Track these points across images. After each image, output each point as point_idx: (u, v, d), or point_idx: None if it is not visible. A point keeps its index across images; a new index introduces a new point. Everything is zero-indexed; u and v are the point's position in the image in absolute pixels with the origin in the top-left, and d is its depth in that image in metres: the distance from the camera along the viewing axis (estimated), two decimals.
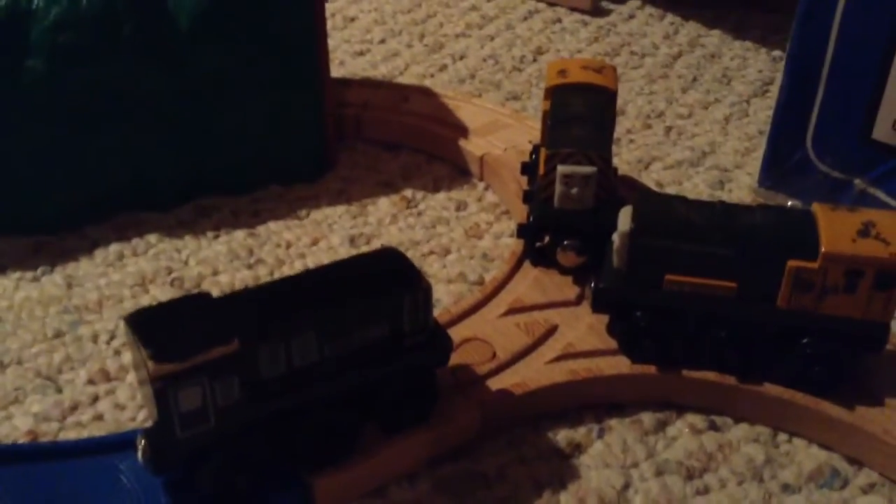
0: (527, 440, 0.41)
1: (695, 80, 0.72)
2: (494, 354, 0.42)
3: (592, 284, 0.42)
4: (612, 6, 0.83)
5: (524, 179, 0.54)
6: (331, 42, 0.75)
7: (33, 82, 0.50)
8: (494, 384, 0.41)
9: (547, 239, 0.47)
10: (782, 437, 0.41)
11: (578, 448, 0.40)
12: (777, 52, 0.75)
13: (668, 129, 0.65)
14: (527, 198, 0.51)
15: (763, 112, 0.67)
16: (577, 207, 0.45)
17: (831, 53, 0.47)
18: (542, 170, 0.46)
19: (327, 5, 0.82)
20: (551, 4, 0.84)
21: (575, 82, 0.49)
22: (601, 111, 0.48)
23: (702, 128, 0.65)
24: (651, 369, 0.41)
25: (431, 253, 0.53)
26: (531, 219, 0.47)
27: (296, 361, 0.35)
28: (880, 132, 0.47)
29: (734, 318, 0.39)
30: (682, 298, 0.40)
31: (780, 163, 0.52)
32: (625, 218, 0.40)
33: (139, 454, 0.34)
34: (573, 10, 0.83)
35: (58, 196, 0.53)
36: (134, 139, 0.53)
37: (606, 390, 0.42)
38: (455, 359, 0.41)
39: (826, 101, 0.48)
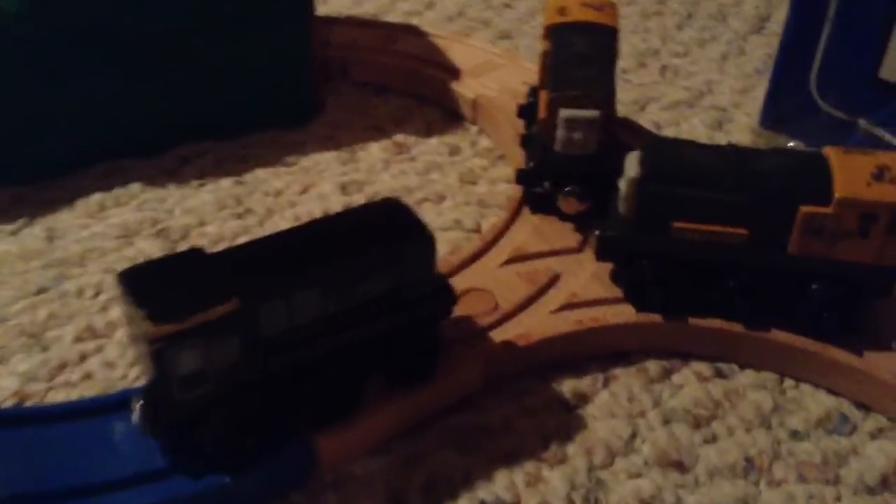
0: (532, 391, 0.40)
1: (689, 16, 0.70)
2: (496, 305, 0.41)
3: (597, 232, 0.41)
4: None
5: (520, 123, 0.52)
6: None
7: (3, 24, 0.47)
8: (498, 335, 0.40)
9: (547, 185, 0.46)
10: (789, 383, 0.40)
11: (584, 398, 0.40)
12: None
13: (664, 69, 0.64)
14: (525, 142, 0.49)
15: (760, 49, 0.66)
16: (580, 152, 0.44)
17: None
18: (542, 113, 0.44)
19: None
20: None
21: (575, 21, 0.47)
22: (603, 51, 0.46)
23: (698, 66, 0.64)
24: (657, 318, 0.41)
25: (426, 200, 0.51)
26: (531, 165, 0.46)
27: (298, 319, 0.33)
28: (888, 71, 0.46)
29: (744, 265, 0.38)
30: (691, 246, 0.39)
31: (781, 103, 0.51)
32: (632, 164, 0.39)
33: (135, 416, 0.33)
34: None
35: (35, 144, 0.50)
36: (113, 83, 0.51)
37: (612, 339, 0.41)
38: (457, 310, 0.40)
39: (832, 39, 0.47)
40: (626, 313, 0.41)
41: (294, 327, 0.33)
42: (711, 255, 0.38)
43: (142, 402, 0.32)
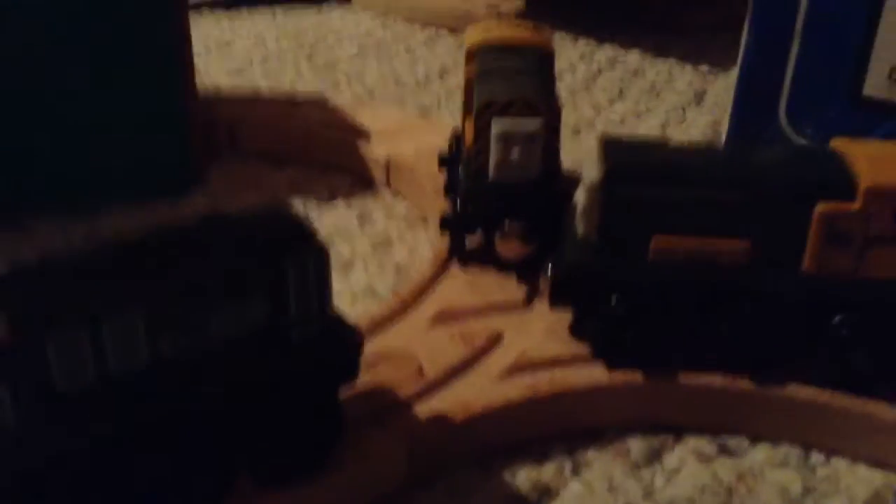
0: (475, 485, 0.28)
1: (621, 93, 0.64)
2: (422, 372, 0.31)
3: (549, 268, 0.31)
4: None
5: (441, 181, 0.43)
6: (202, 66, 0.65)
7: None
8: (424, 410, 0.29)
9: (479, 233, 0.37)
10: (817, 457, 0.30)
11: (548, 492, 0.28)
12: (704, 67, 0.68)
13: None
14: (449, 187, 0.40)
15: (702, 118, 0.60)
16: (520, 178, 0.34)
17: None
18: (470, 133, 0.35)
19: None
20: (453, 31, 0.76)
21: (505, 39, 0.39)
22: (540, 68, 0.38)
23: (638, 133, 0.57)
24: (636, 377, 0.30)
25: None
26: (459, 201, 0.36)
27: (112, 364, 0.22)
28: (874, 86, 0.39)
29: (746, 292, 0.29)
30: (675, 270, 0.29)
31: (747, 141, 0.43)
32: (591, 165, 0.30)
33: None
34: None
35: None
36: None
37: (579, 410, 0.30)
38: (368, 379, 0.29)
39: (802, 57, 0.40)
40: (594, 374, 0.31)
41: (107, 380, 0.22)
42: (703, 279, 0.29)
43: None
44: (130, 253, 0.23)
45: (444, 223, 0.37)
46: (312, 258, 0.24)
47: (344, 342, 0.26)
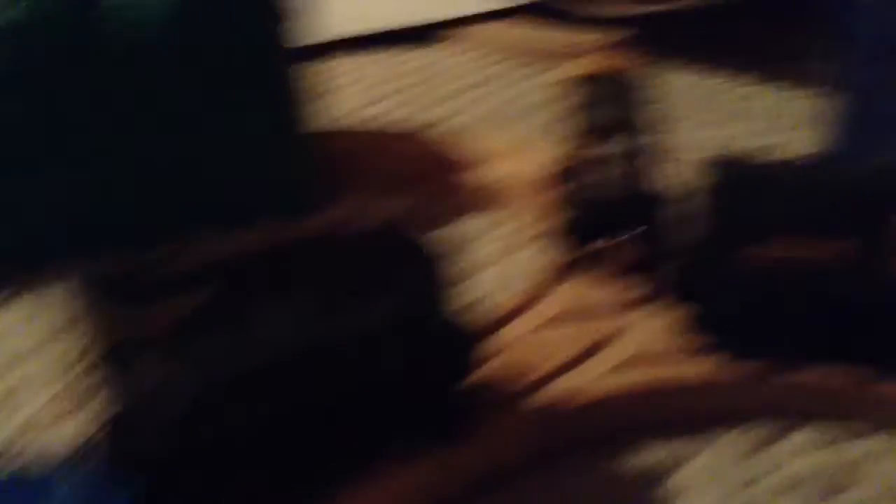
0: (596, 465, 0.31)
1: (728, 116, 0.66)
2: (541, 365, 0.33)
3: (663, 270, 0.34)
4: None
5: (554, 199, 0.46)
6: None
7: None
8: (545, 396, 0.32)
9: (597, 242, 0.40)
10: None
11: (669, 469, 0.31)
12: (814, 90, 0.69)
13: None
14: (569, 199, 0.44)
15: (807, 139, 0.60)
16: (629, 193, 0.37)
17: None
18: (577, 156, 0.39)
19: None
20: (551, 64, 0.79)
21: (601, 69, 0.42)
22: (636, 94, 0.41)
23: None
24: (752, 372, 0.32)
25: None
26: (575, 216, 0.40)
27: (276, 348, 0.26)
28: None
29: (853, 290, 0.31)
30: (787, 272, 0.31)
31: (849, 158, 0.45)
32: (700, 177, 0.32)
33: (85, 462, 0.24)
34: None
35: None
36: (72, 178, 0.44)
37: (694, 401, 0.33)
38: (489, 372, 0.32)
39: None
40: (709, 367, 0.33)
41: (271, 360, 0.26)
42: (807, 281, 0.31)
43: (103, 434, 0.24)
44: (287, 259, 0.27)
45: (565, 232, 0.40)
46: (421, 269, 0.28)
47: (466, 335, 0.29)
